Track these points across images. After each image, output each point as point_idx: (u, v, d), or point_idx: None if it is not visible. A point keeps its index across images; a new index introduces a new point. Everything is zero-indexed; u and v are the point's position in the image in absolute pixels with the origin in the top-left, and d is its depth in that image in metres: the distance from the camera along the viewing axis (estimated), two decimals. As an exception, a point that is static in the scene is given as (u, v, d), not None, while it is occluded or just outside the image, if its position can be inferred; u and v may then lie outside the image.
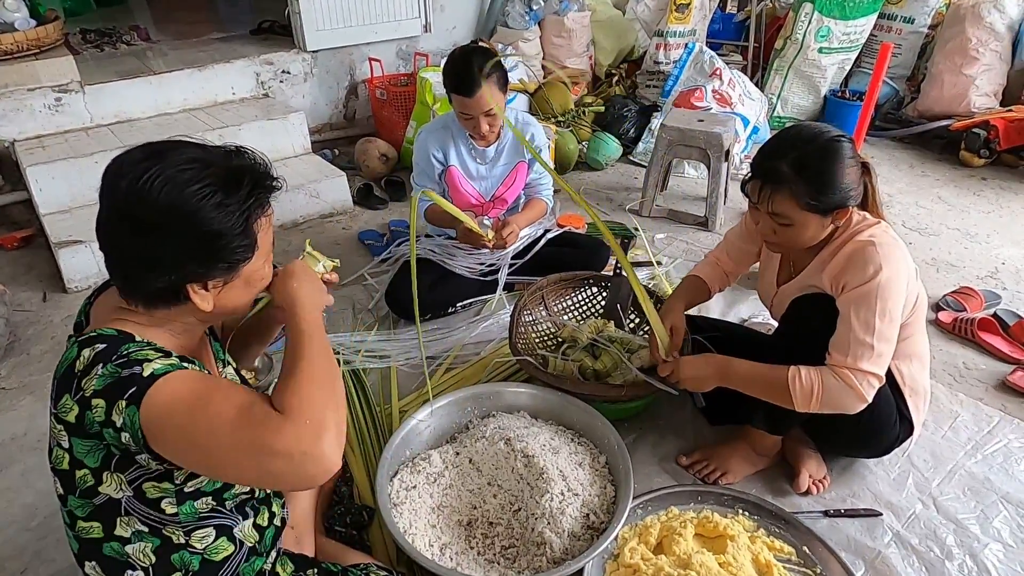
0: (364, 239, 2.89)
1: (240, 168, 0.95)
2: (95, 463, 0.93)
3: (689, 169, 3.52)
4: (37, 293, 2.57)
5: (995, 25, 3.57)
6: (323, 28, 3.56)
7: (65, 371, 0.91)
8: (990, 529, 1.55)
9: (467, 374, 2.06)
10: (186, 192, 0.89)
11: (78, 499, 0.96)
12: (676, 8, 3.92)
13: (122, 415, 0.86)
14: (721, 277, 1.81)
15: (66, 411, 0.90)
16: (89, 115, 3.11)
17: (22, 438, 1.86)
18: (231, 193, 0.92)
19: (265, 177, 0.98)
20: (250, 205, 0.94)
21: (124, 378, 0.87)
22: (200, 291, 0.94)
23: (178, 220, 0.89)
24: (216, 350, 1.18)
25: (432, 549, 1.40)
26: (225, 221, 0.91)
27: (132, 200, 0.89)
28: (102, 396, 0.87)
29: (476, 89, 2.03)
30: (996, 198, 3.23)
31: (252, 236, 0.96)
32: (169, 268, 0.91)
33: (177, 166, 0.90)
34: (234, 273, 0.96)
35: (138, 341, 0.94)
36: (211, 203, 0.90)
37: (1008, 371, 2.03)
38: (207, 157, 0.94)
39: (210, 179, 0.91)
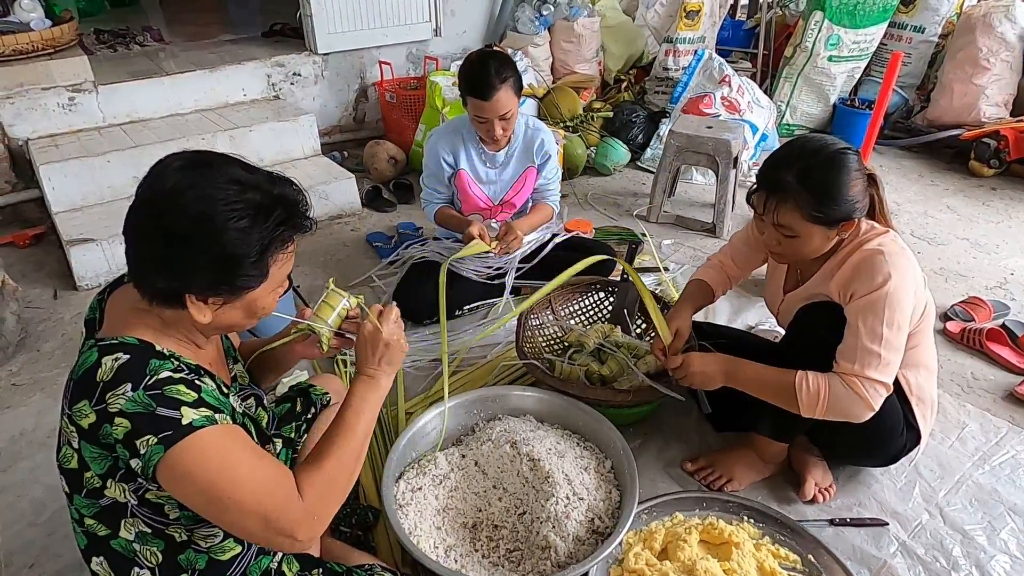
0: (372, 241, 2.90)
1: (276, 199, 0.96)
2: (100, 470, 0.94)
3: (697, 175, 3.52)
4: (48, 290, 2.59)
5: (1006, 35, 3.57)
6: (334, 31, 3.58)
7: (84, 375, 0.92)
8: (997, 540, 1.55)
9: (473, 377, 2.07)
10: (216, 210, 0.91)
11: (84, 499, 0.98)
12: (686, 15, 3.93)
13: (147, 448, 0.88)
14: (724, 280, 1.81)
15: (81, 416, 0.91)
16: (102, 115, 3.14)
17: (31, 433, 1.88)
18: (258, 222, 0.93)
19: (298, 215, 0.99)
20: (273, 238, 0.95)
21: (160, 417, 0.89)
22: (198, 303, 0.95)
23: (199, 235, 0.91)
24: (227, 348, 1.19)
25: (437, 551, 1.41)
26: (243, 247, 0.93)
27: (164, 203, 0.92)
28: (130, 420, 0.88)
29: (493, 93, 2.04)
30: (1005, 208, 3.22)
31: (265, 267, 0.97)
32: (175, 275, 0.93)
33: (216, 183, 0.92)
34: (236, 297, 0.98)
35: (158, 352, 0.95)
36: (236, 227, 0.91)
37: (1016, 382, 2.02)
38: (249, 180, 0.95)
39: (243, 204, 0.92)
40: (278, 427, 1.44)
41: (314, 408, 1.49)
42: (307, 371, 2.09)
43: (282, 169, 1.03)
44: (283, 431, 1.43)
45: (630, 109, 3.84)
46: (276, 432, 1.43)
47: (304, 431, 1.46)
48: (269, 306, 1.04)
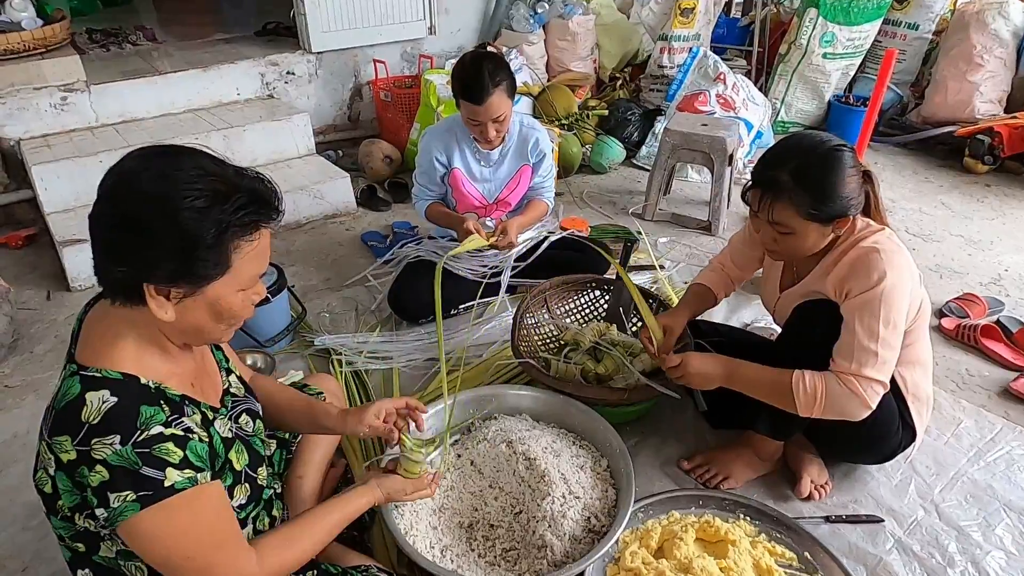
0: (367, 240, 2.89)
1: (238, 185, 0.93)
2: (70, 503, 0.93)
3: (692, 173, 3.52)
4: (41, 292, 2.58)
5: (1000, 32, 3.57)
6: (328, 30, 3.57)
7: (67, 409, 0.90)
8: (992, 536, 1.55)
9: (469, 376, 2.06)
10: (172, 190, 0.88)
11: (60, 521, 0.98)
12: (680, 12, 3.92)
13: (120, 503, 0.88)
14: (726, 282, 1.81)
15: (61, 450, 0.89)
16: (94, 114, 3.12)
17: (24, 436, 1.87)
18: (216, 204, 0.90)
19: (261, 202, 0.94)
20: (231, 221, 0.91)
21: (143, 476, 0.89)
22: (157, 296, 0.91)
23: (153, 214, 0.87)
24: (220, 359, 1.18)
25: (433, 551, 1.40)
26: (198, 228, 0.88)
27: (121, 185, 0.90)
28: (110, 472, 0.88)
29: (486, 96, 2.04)
30: (1000, 205, 3.23)
31: (224, 254, 0.92)
32: (128, 259, 0.89)
33: (177, 167, 0.90)
34: (196, 288, 0.93)
35: (144, 388, 0.93)
36: (191, 205, 0.88)
37: (1011, 378, 2.03)
38: (212, 168, 0.93)
39: (202, 185, 0.89)
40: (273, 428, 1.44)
41: None
42: (302, 371, 2.08)
43: (276, 168, 1.03)
44: (277, 433, 1.43)
45: (625, 107, 3.84)
46: (271, 433, 1.42)
47: None
48: (237, 308, 0.98)
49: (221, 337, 1.03)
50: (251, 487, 1.11)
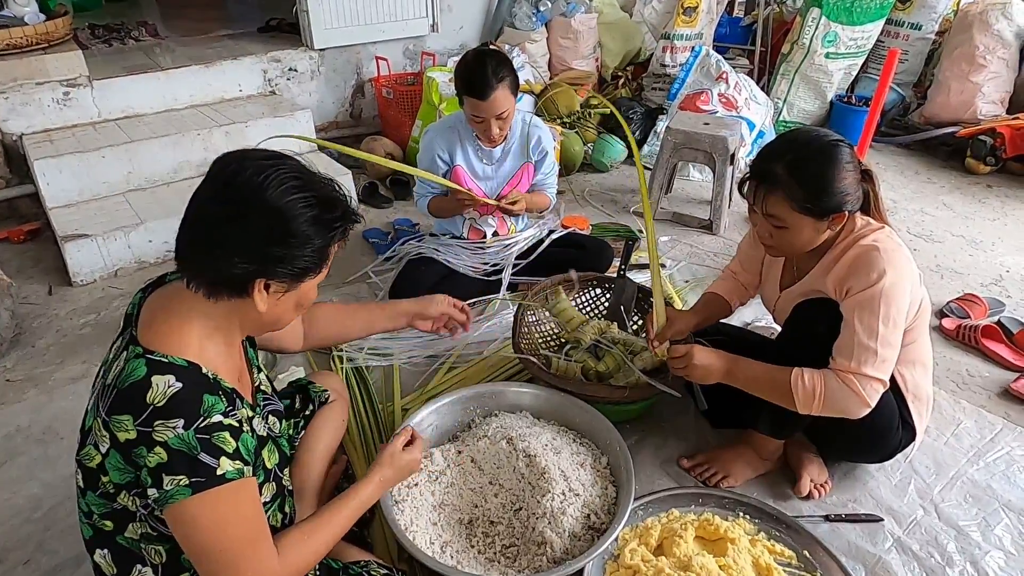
0: (368, 237, 2.90)
1: (337, 198, 1.05)
2: (120, 480, 0.96)
3: (694, 172, 3.52)
4: (43, 286, 2.58)
5: (1003, 33, 3.57)
6: (331, 26, 3.57)
7: (131, 389, 0.92)
8: (991, 536, 1.55)
9: (470, 373, 2.06)
10: (294, 197, 0.98)
11: (98, 498, 1.00)
12: (683, 11, 3.92)
13: (174, 485, 0.91)
14: (739, 289, 1.80)
15: (121, 428, 0.92)
16: (97, 110, 3.12)
17: (27, 430, 1.87)
18: (326, 211, 1.01)
19: (354, 213, 1.08)
20: (337, 228, 1.03)
21: (200, 462, 0.93)
22: (263, 291, 1.00)
23: (279, 218, 0.97)
24: (251, 357, 1.23)
25: (433, 547, 1.41)
26: (314, 232, 1.00)
27: (251, 189, 0.96)
28: (169, 455, 0.91)
29: (490, 92, 2.04)
30: (1001, 206, 3.23)
31: (326, 255, 1.05)
32: (253, 258, 0.97)
33: (293, 175, 0.99)
34: (298, 282, 1.03)
35: (205, 377, 0.98)
36: (310, 214, 0.99)
37: (1011, 379, 2.03)
38: (312, 176, 1.04)
39: (314, 193, 1.00)
40: None
41: (312, 405, 1.50)
42: (303, 367, 2.08)
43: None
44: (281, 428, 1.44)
45: (627, 105, 3.84)
46: None
47: (302, 427, 1.46)
48: (313, 297, 1.11)
49: (287, 324, 1.13)
50: (276, 486, 1.15)
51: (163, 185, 2.98)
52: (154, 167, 2.95)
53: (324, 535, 1.13)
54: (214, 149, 3.09)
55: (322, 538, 1.12)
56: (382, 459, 1.30)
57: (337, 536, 1.16)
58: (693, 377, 1.56)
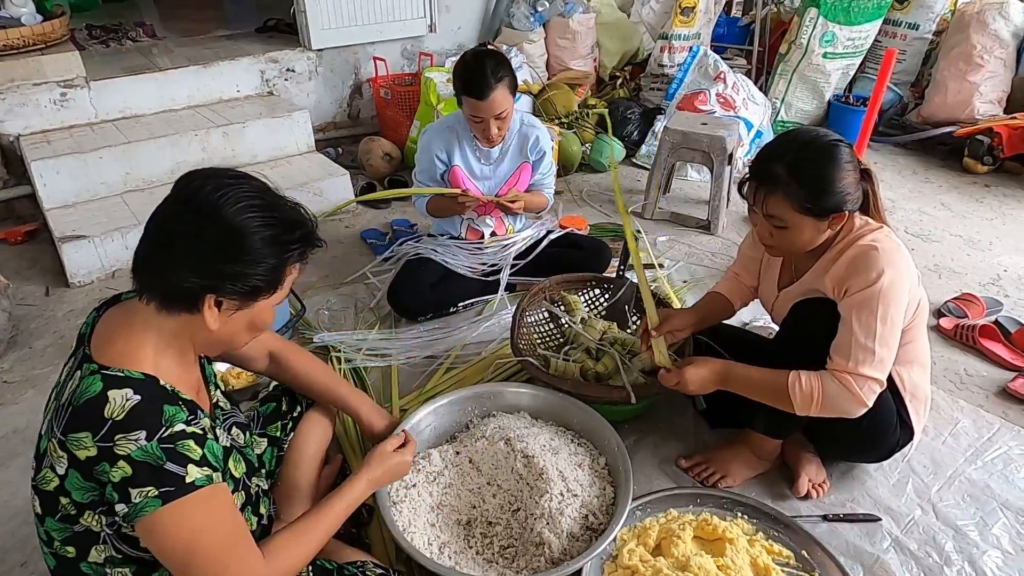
0: (367, 238, 2.89)
1: (298, 220, 1.05)
2: (83, 499, 0.94)
3: (692, 172, 3.52)
4: (40, 287, 2.58)
5: (1000, 32, 3.57)
6: (328, 27, 3.57)
7: (87, 406, 0.92)
8: (989, 536, 1.55)
9: (468, 374, 2.06)
10: (253, 216, 0.98)
11: (57, 523, 0.98)
12: (681, 11, 3.92)
13: (142, 498, 0.90)
14: (741, 290, 1.80)
15: (79, 447, 0.90)
16: (94, 111, 3.12)
17: (24, 431, 1.87)
18: (284, 233, 1.01)
19: (314, 236, 1.07)
20: (293, 251, 1.03)
21: (167, 472, 0.92)
22: (214, 308, 0.99)
23: (235, 235, 0.97)
24: (209, 375, 1.22)
25: (431, 548, 1.41)
26: (269, 252, 0.99)
27: (209, 205, 0.96)
28: (133, 468, 0.90)
29: (489, 92, 2.04)
30: (999, 205, 3.23)
31: (281, 276, 1.03)
32: (204, 273, 0.96)
33: (254, 194, 1.00)
34: (250, 301, 1.02)
35: (163, 389, 0.97)
36: (266, 234, 0.99)
37: (1009, 378, 2.03)
38: (275, 197, 1.04)
39: (275, 214, 1.01)
40: (264, 426, 1.44)
41: (299, 407, 1.49)
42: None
43: (276, 165, 1.06)
44: (268, 430, 1.44)
45: (625, 106, 3.84)
46: (261, 431, 1.43)
47: (290, 430, 1.46)
48: (268, 322, 1.09)
49: (243, 346, 1.12)
50: (246, 494, 1.15)
51: (161, 186, 2.98)
52: (152, 168, 2.94)
53: (312, 537, 1.13)
54: (212, 150, 3.09)
55: (310, 540, 1.12)
56: (372, 459, 1.31)
57: (325, 537, 1.16)
58: (689, 392, 1.57)
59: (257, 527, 1.20)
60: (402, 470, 1.36)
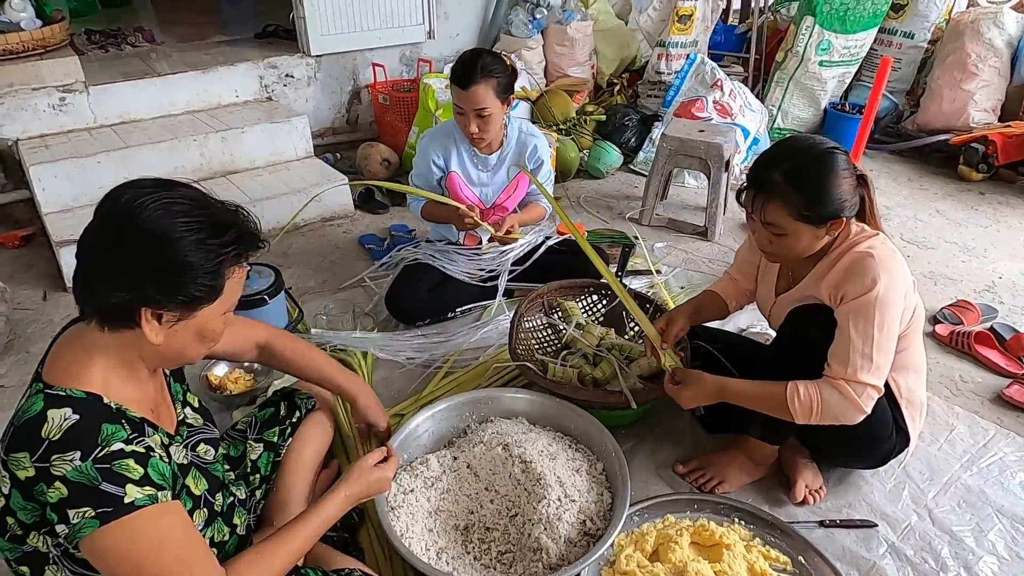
0: (365, 243, 2.90)
1: (230, 221, 0.99)
2: (28, 520, 0.93)
3: (689, 179, 3.54)
4: (37, 292, 2.58)
5: (994, 41, 3.60)
6: (327, 33, 3.58)
7: (27, 425, 0.90)
8: (985, 542, 1.56)
9: (466, 379, 2.07)
10: (175, 221, 0.93)
11: (7, 542, 0.97)
12: (678, 19, 3.95)
13: (80, 519, 0.88)
14: (738, 292, 1.81)
15: (19, 467, 0.89)
16: (93, 115, 3.12)
17: None
18: (214, 236, 0.96)
19: (251, 236, 1.01)
20: (227, 252, 0.97)
21: (102, 492, 0.89)
22: (152, 320, 0.95)
23: (157, 243, 0.92)
24: (176, 392, 1.20)
25: (429, 553, 1.40)
26: (199, 257, 0.94)
27: (124, 213, 0.92)
28: (68, 488, 0.88)
29: (471, 83, 2.06)
30: (994, 212, 3.25)
31: (219, 281, 0.98)
32: (130, 285, 0.92)
33: (176, 199, 0.95)
34: (191, 312, 0.98)
35: (107, 407, 0.94)
36: (193, 237, 0.94)
37: (1004, 385, 2.04)
38: (205, 201, 0.99)
39: (201, 217, 0.95)
40: (261, 431, 1.44)
41: (299, 413, 1.49)
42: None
43: (275, 170, 1.05)
44: (265, 435, 1.43)
45: (623, 112, 3.86)
46: (258, 436, 1.42)
47: (288, 435, 1.46)
48: (219, 331, 1.04)
49: (197, 358, 1.07)
50: (208, 512, 1.12)
51: (159, 191, 2.98)
52: (150, 173, 2.79)
53: (282, 554, 1.08)
54: (210, 155, 3.09)
55: (279, 557, 1.08)
56: (351, 474, 1.25)
57: (298, 555, 1.12)
58: (686, 407, 1.59)
59: (231, 538, 1.18)
60: (382, 486, 1.30)
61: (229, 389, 1.96)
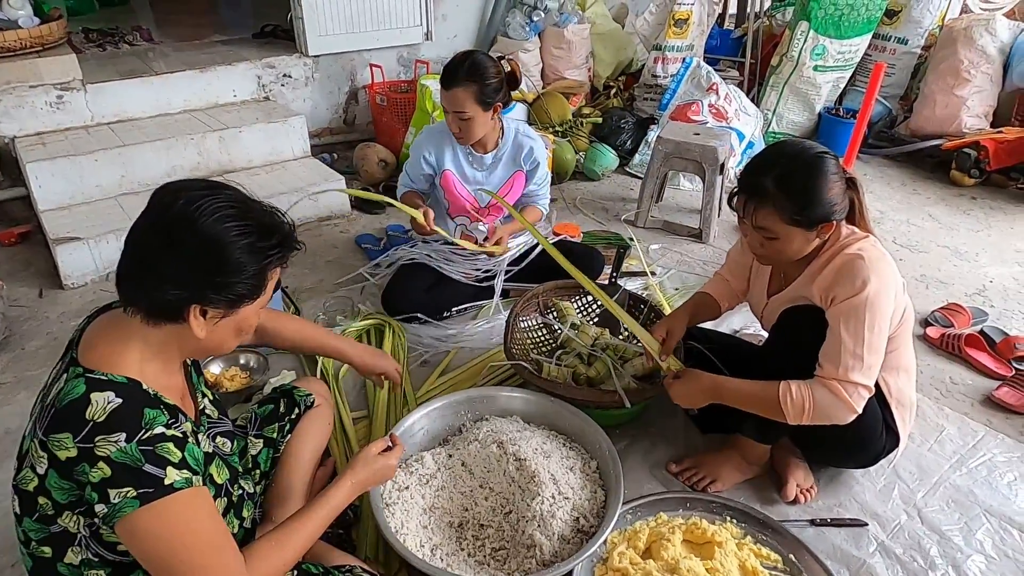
0: (361, 243, 2.91)
1: (276, 224, 1.06)
2: (63, 499, 0.95)
3: (684, 182, 3.56)
4: (34, 289, 2.58)
5: (987, 48, 3.64)
6: (325, 33, 3.59)
7: (69, 407, 0.93)
8: (973, 541, 1.58)
9: (461, 378, 2.08)
10: (228, 225, 0.99)
11: (34, 523, 0.99)
12: (675, 23, 3.97)
13: (121, 498, 0.91)
14: (729, 293, 1.83)
15: (60, 447, 0.92)
16: (90, 113, 3.13)
17: (16, 432, 1.86)
18: (262, 239, 1.02)
19: (292, 239, 1.09)
20: (273, 255, 1.04)
21: (145, 473, 0.93)
22: (199, 317, 1.00)
23: (212, 246, 0.98)
24: (196, 383, 1.22)
25: (423, 550, 1.41)
26: (248, 260, 1.01)
27: (182, 218, 0.97)
28: (112, 469, 0.91)
29: (451, 86, 2.10)
30: (985, 217, 3.28)
31: (263, 282, 1.05)
32: (186, 284, 0.98)
33: (226, 203, 1.01)
34: (234, 309, 1.04)
35: (146, 393, 0.98)
36: (244, 242, 1.00)
37: (993, 387, 2.07)
38: (249, 204, 1.05)
39: (250, 222, 1.02)
40: (261, 427, 1.45)
41: (297, 409, 1.50)
42: (295, 371, 2.09)
43: (272, 170, 1.07)
44: (265, 432, 1.44)
45: (619, 115, 3.88)
46: (258, 432, 1.44)
47: (287, 432, 1.47)
48: (254, 325, 1.11)
49: (231, 349, 1.13)
50: (227, 500, 1.16)
51: (156, 189, 2.99)
52: (147, 171, 2.95)
53: (294, 542, 1.12)
54: (208, 154, 3.10)
55: (292, 545, 1.12)
56: (356, 463, 1.28)
57: (308, 542, 1.15)
58: (681, 404, 1.61)
59: (239, 531, 1.20)
60: (387, 474, 1.33)
61: (225, 386, 1.97)
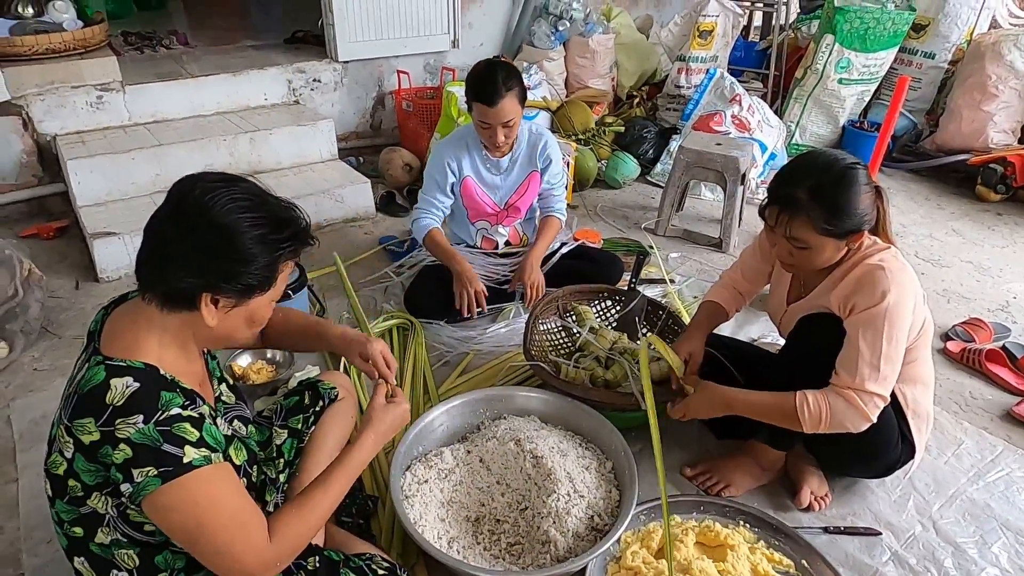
0: (385, 244, 2.97)
1: (290, 219, 1.09)
2: (91, 481, 1.00)
3: (706, 191, 3.58)
4: (70, 281, 2.67)
5: (1015, 63, 3.61)
6: (355, 40, 3.67)
7: (91, 393, 0.98)
8: (988, 554, 1.58)
9: (481, 377, 2.12)
10: (240, 216, 1.02)
11: (65, 505, 1.04)
12: (699, 34, 4.00)
13: (144, 478, 0.95)
14: (736, 298, 1.86)
15: (84, 432, 0.96)
16: (128, 114, 3.23)
17: (52, 417, 1.93)
18: (274, 232, 1.05)
19: (305, 234, 1.11)
20: (284, 248, 1.07)
21: (164, 452, 0.96)
22: (211, 305, 1.04)
23: (225, 236, 1.01)
24: (213, 369, 1.27)
25: (440, 542, 1.45)
26: (260, 251, 1.04)
27: (197, 207, 1.01)
28: (133, 449, 0.95)
29: (498, 99, 2.11)
30: (1010, 233, 3.25)
31: (274, 273, 1.08)
32: (198, 272, 1.01)
33: (243, 194, 1.05)
34: (245, 299, 1.07)
35: (163, 378, 1.02)
36: (257, 232, 1.03)
37: (1014, 402, 2.06)
38: (265, 197, 1.09)
39: (264, 214, 1.05)
40: (286, 418, 1.50)
41: (322, 401, 1.55)
42: (319, 367, 2.14)
43: (300, 172, 1.11)
44: (290, 422, 1.49)
45: (641, 124, 3.91)
46: (283, 423, 1.48)
47: (312, 423, 1.51)
48: (266, 317, 1.14)
49: (245, 341, 1.16)
50: (247, 482, 1.20)
51: (188, 188, 3.08)
52: (181, 170, 2.93)
53: (321, 503, 1.13)
54: (238, 155, 3.19)
55: (319, 506, 1.13)
56: (372, 416, 1.25)
57: (335, 500, 1.16)
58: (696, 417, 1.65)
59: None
60: (404, 417, 1.31)
61: (252, 379, 2.03)
